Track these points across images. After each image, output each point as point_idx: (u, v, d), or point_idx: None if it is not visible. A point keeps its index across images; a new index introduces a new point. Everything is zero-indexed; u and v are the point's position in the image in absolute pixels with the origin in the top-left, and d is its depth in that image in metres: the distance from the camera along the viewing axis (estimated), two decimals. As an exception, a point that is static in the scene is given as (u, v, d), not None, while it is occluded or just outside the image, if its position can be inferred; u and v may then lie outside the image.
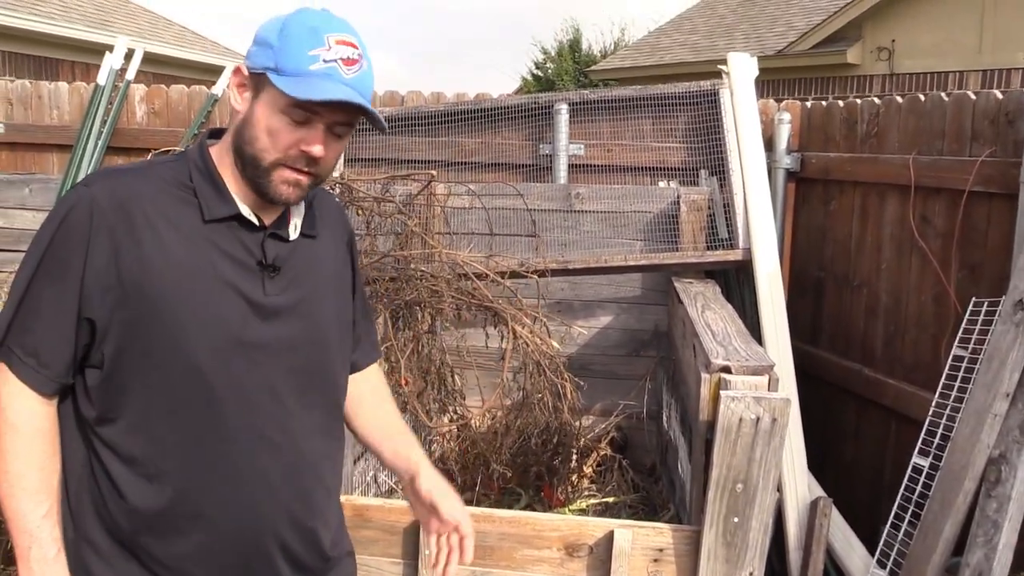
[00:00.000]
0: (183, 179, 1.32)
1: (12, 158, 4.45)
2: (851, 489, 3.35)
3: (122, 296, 1.26)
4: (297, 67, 1.25)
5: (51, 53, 8.82)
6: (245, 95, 1.31)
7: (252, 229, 1.34)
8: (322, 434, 1.46)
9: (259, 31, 1.31)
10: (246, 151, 1.30)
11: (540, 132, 3.91)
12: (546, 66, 20.38)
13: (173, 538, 1.32)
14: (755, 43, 11.80)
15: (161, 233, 1.27)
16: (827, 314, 3.59)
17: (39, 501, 1.28)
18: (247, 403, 1.33)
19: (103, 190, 1.27)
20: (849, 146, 3.41)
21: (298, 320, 1.38)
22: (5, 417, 1.27)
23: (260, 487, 1.35)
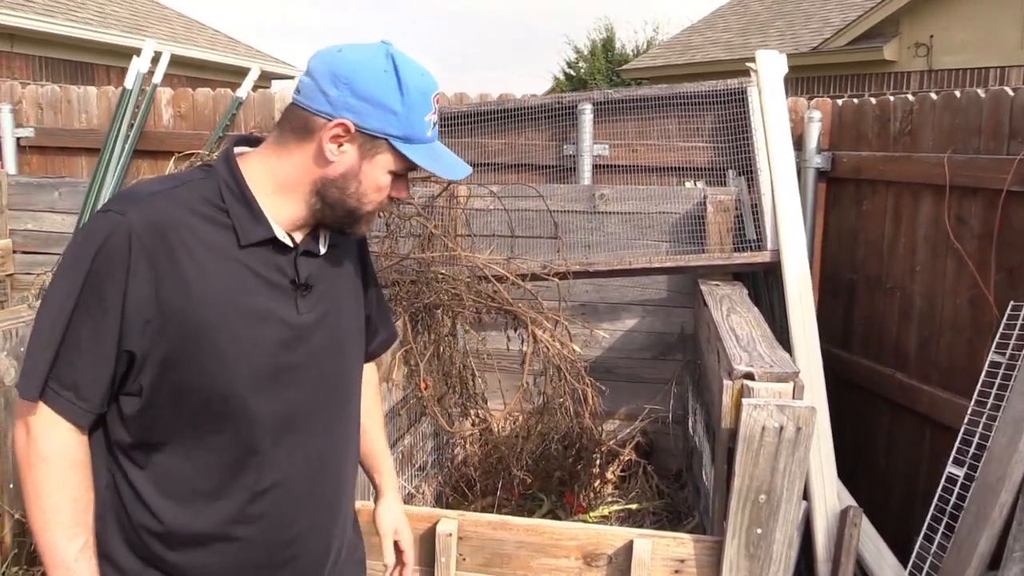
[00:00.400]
0: (214, 199, 1.29)
1: (42, 162, 4.51)
2: (885, 498, 3.26)
3: (162, 326, 1.23)
4: (420, 135, 1.31)
5: (87, 58, 8.95)
6: (346, 148, 1.29)
7: (284, 249, 1.33)
8: (346, 445, 1.49)
9: (360, 83, 1.26)
10: (348, 203, 1.32)
11: (564, 132, 3.86)
12: (579, 65, 20.32)
13: (205, 557, 1.33)
14: (790, 40, 11.62)
15: (199, 260, 1.25)
16: (859, 317, 3.49)
17: (75, 535, 1.25)
18: (282, 423, 1.34)
19: (140, 217, 1.23)
20: (882, 144, 3.31)
21: (326, 335, 1.39)
22: (38, 450, 1.24)
23: (292, 504, 1.37)
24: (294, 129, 1.31)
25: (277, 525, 1.36)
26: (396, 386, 2.84)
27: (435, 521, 2.30)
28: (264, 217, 1.31)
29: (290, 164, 1.32)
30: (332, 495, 1.46)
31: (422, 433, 3.20)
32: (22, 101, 4.49)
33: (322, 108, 1.28)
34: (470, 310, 2.84)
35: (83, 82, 8.57)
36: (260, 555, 1.36)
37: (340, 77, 1.27)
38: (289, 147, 1.32)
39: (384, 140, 1.29)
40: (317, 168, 1.30)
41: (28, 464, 1.24)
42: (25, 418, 1.25)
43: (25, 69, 8.26)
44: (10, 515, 2.72)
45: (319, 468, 1.42)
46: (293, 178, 1.32)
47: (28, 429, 1.24)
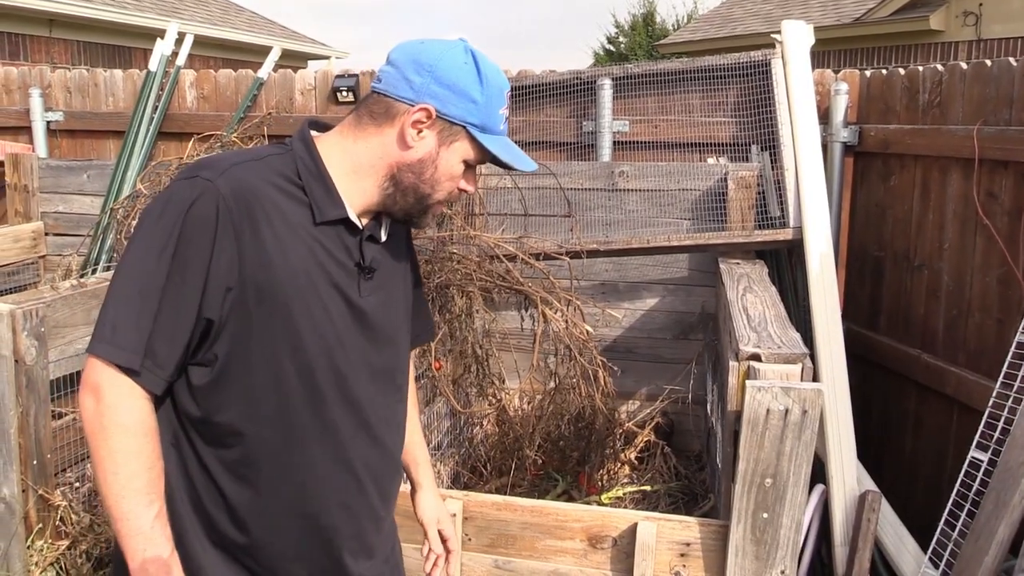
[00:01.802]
0: (291, 175, 1.32)
1: (72, 145, 4.58)
2: (910, 482, 3.17)
3: (242, 295, 1.25)
4: (495, 127, 1.36)
5: (124, 41, 9.07)
6: (425, 134, 1.32)
7: (353, 231, 1.36)
8: (398, 437, 1.53)
9: (443, 71, 1.31)
10: (421, 188, 1.35)
11: (584, 109, 3.79)
12: (619, 40, 20.06)
13: (271, 536, 1.35)
14: (832, 10, 11.29)
15: (279, 232, 1.27)
16: (886, 296, 3.39)
17: (151, 501, 1.25)
18: (347, 401, 1.36)
19: (227, 184, 1.24)
20: (910, 117, 3.19)
21: (383, 320, 1.42)
22: (115, 418, 1.22)
23: (354, 484, 1.40)
24: (374, 115, 1.34)
25: (339, 504, 1.39)
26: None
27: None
28: (339, 197, 1.34)
29: (367, 147, 1.35)
30: (389, 481, 1.50)
31: (436, 413, 3.19)
32: (51, 85, 4.56)
33: (405, 94, 1.32)
34: (481, 290, 2.82)
35: (121, 66, 8.69)
36: (322, 534, 1.38)
37: (424, 65, 1.31)
38: (367, 131, 1.35)
39: (462, 128, 1.33)
40: (396, 152, 1.34)
41: (103, 431, 1.22)
42: (97, 384, 1.22)
43: (64, 54, 8.40)
44: (33, 490, 2.78)
45: (381, 451, 1.45)
46: (369, 161, 1.35)
47: (100, 395, 1.22)
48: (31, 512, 2.80)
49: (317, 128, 1.41)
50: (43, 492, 2.79)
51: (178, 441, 1.32)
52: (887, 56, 10.33)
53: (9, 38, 7.79)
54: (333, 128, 1.40)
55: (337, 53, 13.70)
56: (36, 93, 4.50)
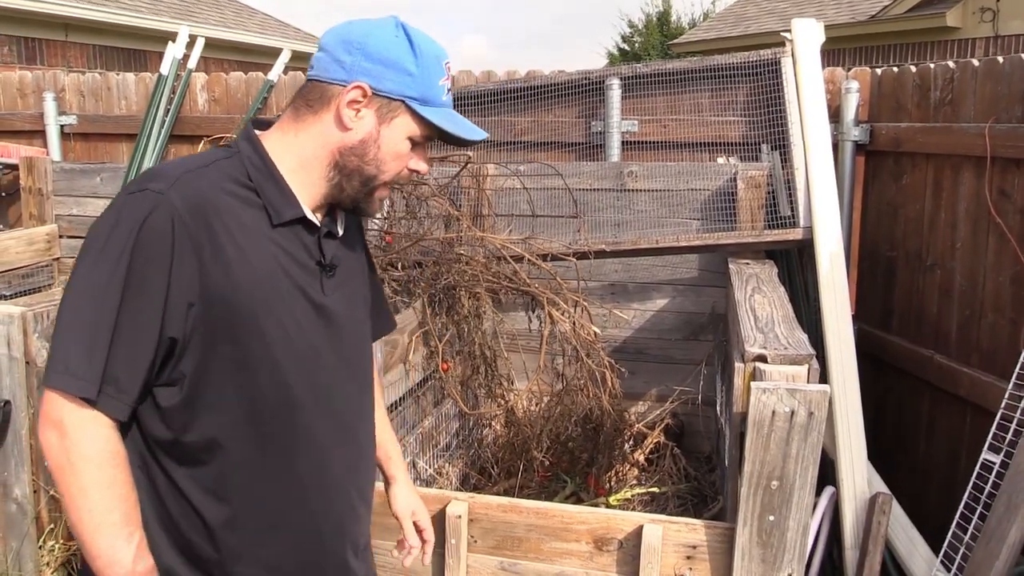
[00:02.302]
0: (242, 178, 1.27)
1: (85, 148, 4.62)
2: (924, 484, 3.14)
3: (205, 310, 1.20)
4: (436, 98, 1.31)
5: (140, 45, 9.14)
6: (364, 113, 1.28)
7: (311, 229, 1.33)
8: (371, 433, 1.51)
9: (373, 46, 1.27)
10: (365, 170, 1.31)
11: (593, 109, 3.78)
12: (633, 40, 20.00)
13: (251, 549, 1.31)
14: (847, 8, 11.21)
15: (238, 240, 1.23)
16: (898, 296, 3.35)
17: (130, 533, 1.20)
18: (323, 405, 1.34)
19: (180, 195, 1.19)
20: (922, 115, 3.15)
21: (348, 316, 1.40)
22: (81, 451, 1.16)
23: (335, 487, 1.38)
24: (310, 102, 1.31)
25: (321, 511, 1.36)
26: (414, 368, 2.83)
27: (445, 503, 2.29)
28: (292, 195, 1.30)
29: (308, 138, 1.31)
30: (365, 477, 1.49)
31: (444, 414, 3.19)
32: (65, 89, 4.61)
33: (337, 76, 1.28)
34: (488, 291, 2.81)
35: (137, 69, 8.76)
36: (307, 542, 1.36)
37: (353, 44, 1.28)
38: (307, 121, 1.31)
39: (401, 102, 1.29)
40: (336, 136, 1.29)
41: (69, 467, 1.16)
42: (59, 419, 1.16)
43: (80, 58, 8.48)
44: (45, 491, 2.81)
45: (357, 451, 1.44)
46: (313, 152, 1.31)
47: (64, 429, 1.16)
48: (42, 513, 2.83)
49: (261, 127, 1.36)
50: (54, 493, 2.81)
51: (146, 464, 1.26)
52: (903, 54, 10.24)
53: (26, 43, 7.87)
54: (273, 125, 1.36)
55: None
56: (50, 97, 4.54)
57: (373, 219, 3.39)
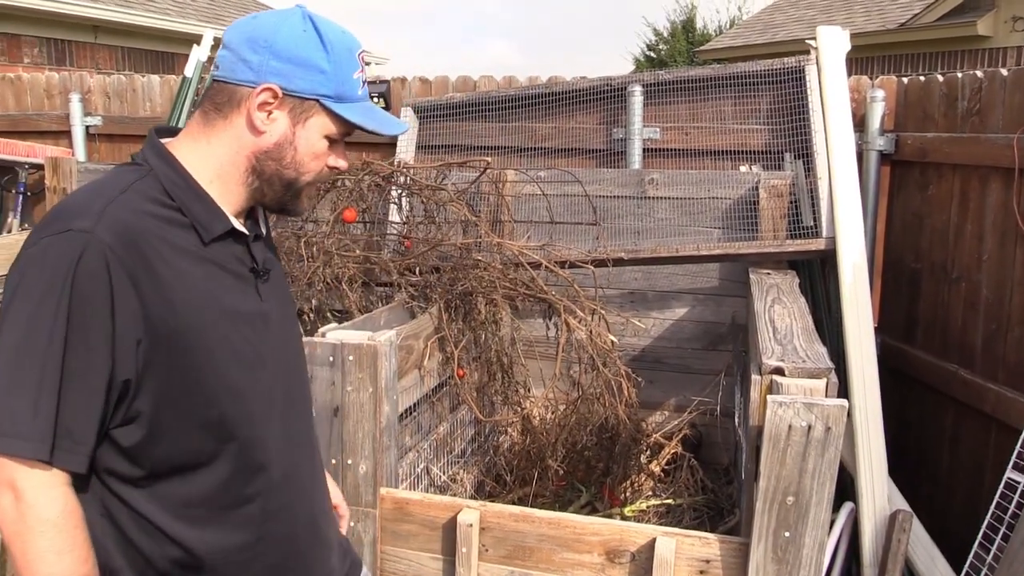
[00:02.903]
0: (162, 198, 1.21)
1: (110, 149, 4.67)
2: (947, 501, 3.08)
3: (153, 344, 1.16)
4: (351, 94, 1.26)
5: (167, 47, 9.24)
6: (276, 115, 1.23)
7: (238, 238, 1.29)
8: (312, 421, 1.49)
9: (281, 44, 1.20)
10: (284, 174, 1.27)
11: (614, 116, 3.76)
12: (659, 47, 19.94)
13: (232, 567, 1.29)
14: (876, 16, 11.10)
15: (174, 266, 1.18)
16: (923, 309, 3.29)
17: None
18: (277, 417, 1.32)
19: (108, 231, 1.12)
20: (949, 125, 3.10)
21: (284, 321, 1.38)
22: (40, 515, 1.09)
23: (305, 491, 1.38)
24: (219, 106, 1.24)
25: (299, 515, 1.36)
26: (429, 374, 2.82)
27: (457, 511, 2.28)
28: (218, 208, 1.25)
29: (221, 144, 1.25)
30: (321, 479, 1.48)
31: (459, 420, 3.18)
32: (91, 90, 4.65)
33: (245, 77, 1.21)
34: (504, 297, 2.79)
35: (163, 71, 8.85)
36: (289, 551, 1.35)
37: (259, 41, 1.20)
38: (217, 126, 1.25)
39: (315, 101, 1.23)
40: (250, 141, 1.24)
41: (28, 533, 1.10)
42: (12, 480, 1.09)
43: (109, 60, 8.58)
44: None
45: (311, 451, 1.43)
46: (228, 159, 1.25)
47: (19, 492, 1.09)
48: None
49: (167, 134, 1.29)
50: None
51: (110, 511, 1.20)
52: (933, 62, 10.11)
53: (56, 44, 7.98)
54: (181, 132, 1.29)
55: (378, 59, 13.79)
56: (76, 98, 4.59)
57: (392, 223, 3.39)
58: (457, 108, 3.83)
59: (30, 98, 4.79)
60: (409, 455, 2.72)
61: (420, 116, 3.92)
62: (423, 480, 2.84)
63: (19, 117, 4.79)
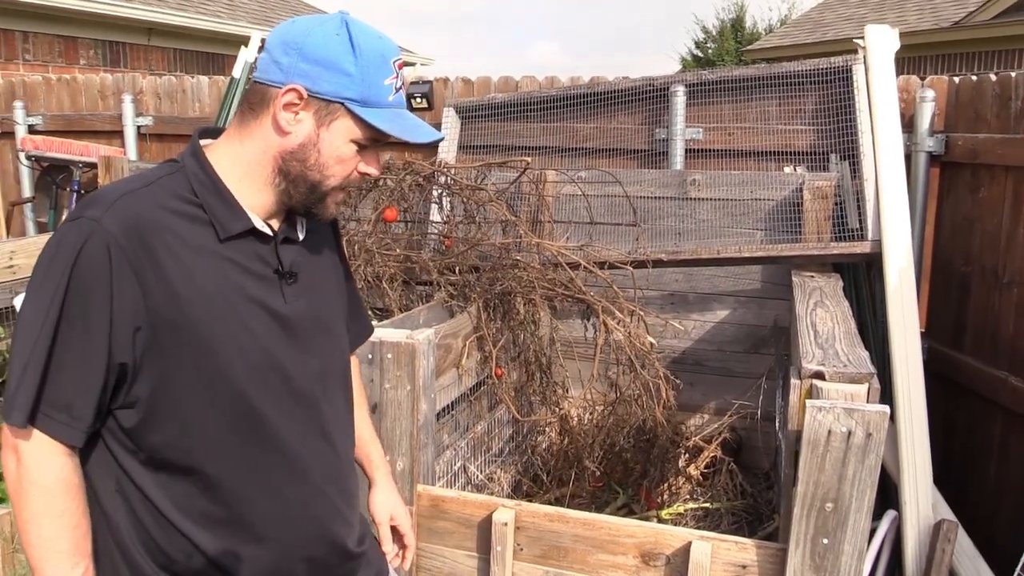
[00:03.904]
0: (186, 194, 1.24)
1: (160, 148, 4.78)
2: (994, 512, 3.00)
3: (153, 333, 1.19)
4: (379, 99, 1.25)
5: (218, 49, 9.41)
6: (302, 116, 1.24)
7: (264, 239, 1.30)
8: (348, 434, 1.48)
9: (310, 46, 1.22)
10: (309, 177, 1.27)
11: (657, 116, 3.73)
12: (707, 46, 19.75)
13: (235, 564, 1.30)
14: (929, 14, 10.85)
15: (182, 259, 1.20)
16: (972, 314, 3.21)
17: (75, 563, 1.22)
18: (289, 417, 1.31)
19: (115, 221, 1.17)
20: (1002, 126, 3.02)
21: (316, 323, 1.37)
22: (34, 478, 1.19)
23: (314, 499, 1.36)
24: (253, 106, 1.27)
25: (305, 517, 1.35)
26: (467, 372, 2.83)
27: (492, 509, 2.29)
28: (240, 207, 1.27)
29: (251, 143, 1.27)
30: (347, 482, 1.46)
31: (497, 419, 3.19)
32: (143, 91, 4.77)
33: (275, 77, 1.24)
34: (543, 297, 2.80)
35: (215, 72, 9.02)
36: (291, 551, 1.35)
37: (291, 44, 1.23)
38: (250, 127, 1.27)
39: (340, 104, 1.24)
40: (276, 141, 1.26)
41: (24, 493, 1.19)
42: (15, 445, 1.19)
43: (161, 61, 8.77)
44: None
45: (334, 462, 1.41)
46: (257, 158, 1.27)
47: (20, 456, 1.19)
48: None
49: (211, 135, 1.32)
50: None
51: (122, 488, 1.25)
52: (988, 61, 9.85)
53: (111, 47, 8.18)
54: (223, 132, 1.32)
55: (423, 60, 13.88)
56: (128, 99, 4.71)
57: (433, 223, 3.41)
58: (499, 108, 3.85)
59: (84, 99, 4.93)
60: (446, 453, 2.74)
61: (462, 116, 3.94)
62: (460, 478, 2.85)
63: (74, 117, 4.93)
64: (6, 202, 5.19)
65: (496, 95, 3.92)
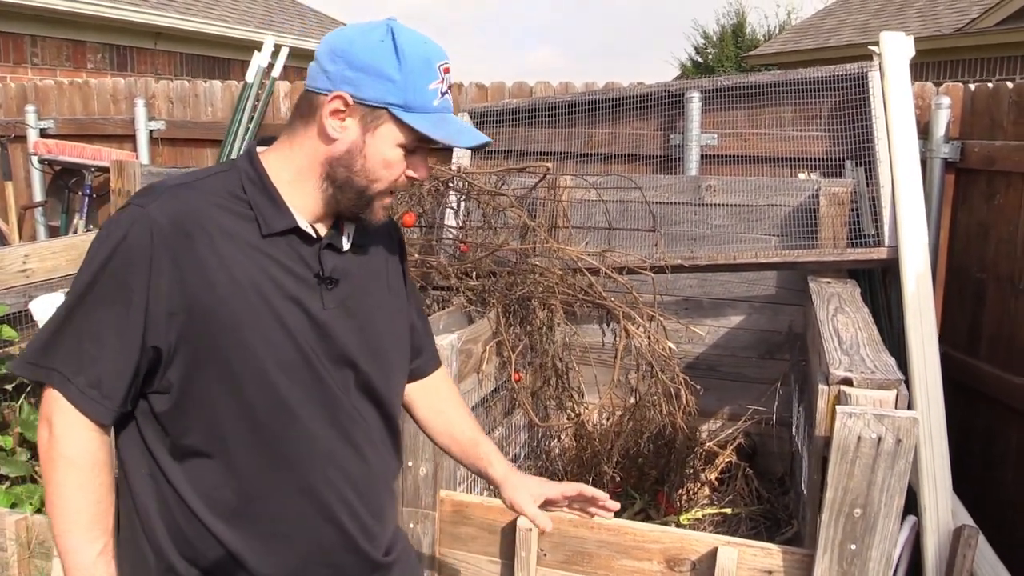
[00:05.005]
0: (236, 191, 1.28)
1: (172, 153, 4.78)
2: (1014, 518, 3.00)
3: (188, 320, 1.22)
4: (424, 104, 1.27)
5: (224, 53, 9.43)
6: (348, 123, 1.26)
7: (309, 241, 1.31)
8: (383, 444, 1.46)
9: (356, 54, 1.25)
10: (356, 181, 1.29)
11: (671, 122, 3.75)
12: (707, 52, 19.78)
13: (254, 561, 1.31)
14: (931, 21, 10.89)
15: (222, 252, 1.23)
16: (988, 321, 3.23)
17: (94, 537, 1.24)
18: (318, 418, 1.31)
19: (160, 210, 1.21)
20: (1018, 133, 3.03)
21: (356, 332, 1.37)
22: (61, 450, 1.23)
23: (337, 500, 1.35)
24: (302, 114, 1.30)
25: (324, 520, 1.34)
26: (487, 377, 2.83)
27: (516, 515, 2.29)
28: (286, 207, 1.29)
29: (301, 150, 1.30)
30: (377, 496, 1.43)
31: (515, 425, 3.19)
32: (155, 96, 4.78)
33: (322, 85, 1.27)
34: (563, 303, 2.80)
35: (220, 77, 9.03)
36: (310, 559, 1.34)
37: (337, 52, 1.26)
38: (299, 133, 1.30)
39: (384, 110, 1.25)
40: (323, 148, 1.28)
41: (52, 463, 1.23)
42: (50, 416, 1.23)
43: (168, 65, 8.78)
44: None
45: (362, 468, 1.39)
46: (306, 163, 1.30)
47: (51, 427, 1.23)
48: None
49: (268, 143, 1.36)
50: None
51: (154, 474, 1.28)
52: (991, 68, 9.88)
53: (118, 51, 8.19)
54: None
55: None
56: (140, 103, 4.71)
57: (449, 227, 3.42)
58: (514, 114, 3.86)
59: (96, 103, 4.93)
60: (466, 458, 2.74)
61: (476, 122, 3.96)
62: (478, 484, 2.86)
63: (86, 121, 4.93)
64: (18, 206, 5.19)
65: (511, 100, 3.93)
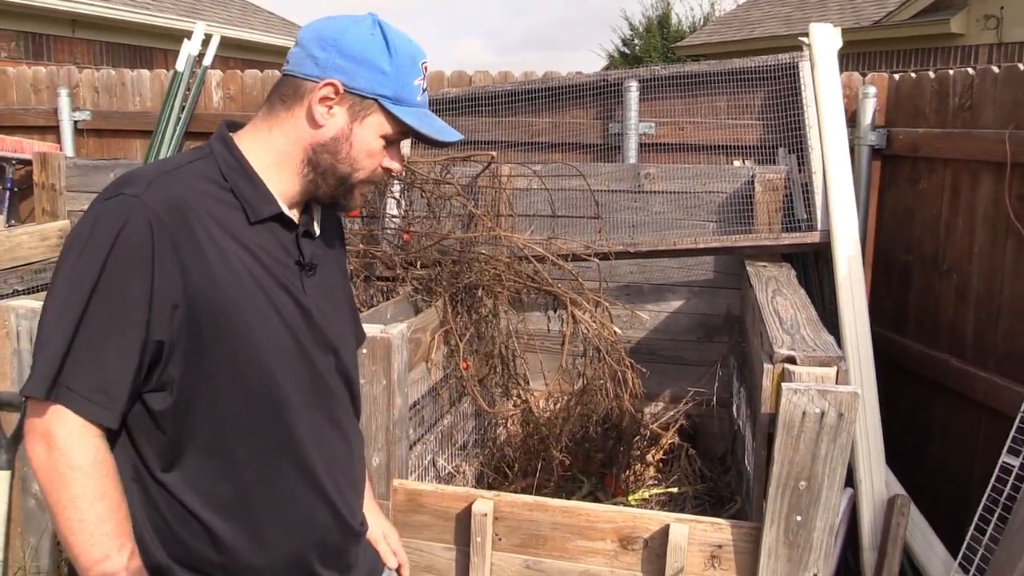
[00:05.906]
0: (216, 178, 1.26)
1: (99, 144, 4.62)
2: (938, 488, 3.16)
3: (190, 310, 1.20)
4: (411, 98, 1.30)
5: (145, 42, 9.14)
6: (336, 111, 1.27)
7: (288, 227, 1.32)
8: (351, 422, 1.48)
9: (348, 43, 1.26)
10: (339, 168, 1.30)
11: (610, 111, 3.80)
12: (634, 43, 20.02)
13: (251, 551, 1.30)
14: (850, 13, 11.26)
15: (216, 239, 1.22)
16: (914, 300, 3.38)
17: (122, 544, 1.19)
18: (312, 403, 1.33)
19: (156, 198, 1.18)
20: (940, 121, 3.18)
21: (331, 317, 1.39)
22: (70, 462, 1.14)
23: (329, 481, 1.37)
24: (284, 98, 1.30)
25: (320, 503, 1.36)
26: (435, 366, 2.84)
27: (471, 501, 2.31)
28: (269, 192, 1.29)
29: (281, 134, 1.30)
30: (356, 471, 1.48)
31: (463, 413, 3.20)
32: (79, 85, 4.60)
33: (311, 71, 1.27)
34: (510, 290, 2.82)
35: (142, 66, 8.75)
36: (306, 535, 1.36)
37: (328, 40, 1.27)
38: (280, 117, 1.30)
39: (374, 101, 1.28)
40: (308, 133, 1.29)
41: (60, 478, 1.15)
42: (45, 431, 1.15)
43: (87, 54, 8.47)
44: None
45: (346, 447, 1.43)
46: (286, 148, 1.30)
47: (53, 440, 1.15)
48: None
49: (235, 128, 1.35)
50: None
51: (140, 475, 1.25)
52: (906, 59, 10.28)
53: (33, 38, 7.86)
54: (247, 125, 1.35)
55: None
56: (64, 92, 4.54)
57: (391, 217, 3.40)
58: (453, 103, 3.85)
59: (16, 92, 4.73)
60: (416, 447, 2.74)
61: (415, 111, 3.93)
62: (429, 472, 2.86)
63: (5, 112, 4.72)
64: (-68, 200, 4.94)
65: (450, 90, 3.93)
